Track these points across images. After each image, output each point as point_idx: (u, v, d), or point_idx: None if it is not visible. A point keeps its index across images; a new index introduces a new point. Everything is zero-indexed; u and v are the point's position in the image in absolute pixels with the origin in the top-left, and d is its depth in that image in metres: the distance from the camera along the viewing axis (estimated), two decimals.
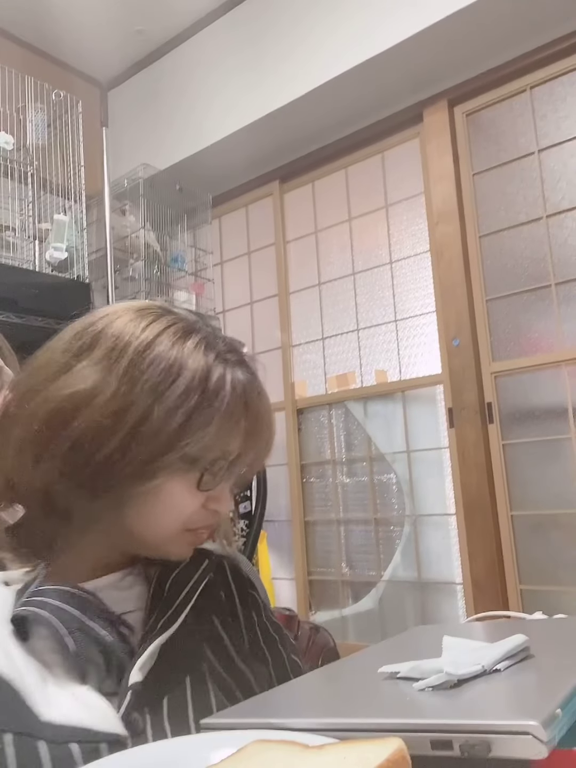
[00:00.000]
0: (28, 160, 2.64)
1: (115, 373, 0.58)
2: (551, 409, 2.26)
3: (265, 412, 0.66)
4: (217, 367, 0.61)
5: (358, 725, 0.42)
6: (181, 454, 0.59)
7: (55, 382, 0.60)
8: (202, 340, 0.63)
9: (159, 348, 0.60)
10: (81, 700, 0.54)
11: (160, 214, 3.10)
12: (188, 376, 0.59)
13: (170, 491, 0.61)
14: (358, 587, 2.71)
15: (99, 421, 0.57)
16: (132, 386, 0.58)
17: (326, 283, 2.93)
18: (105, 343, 0.60)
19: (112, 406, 0.57)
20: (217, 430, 0.60)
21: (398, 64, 2.44)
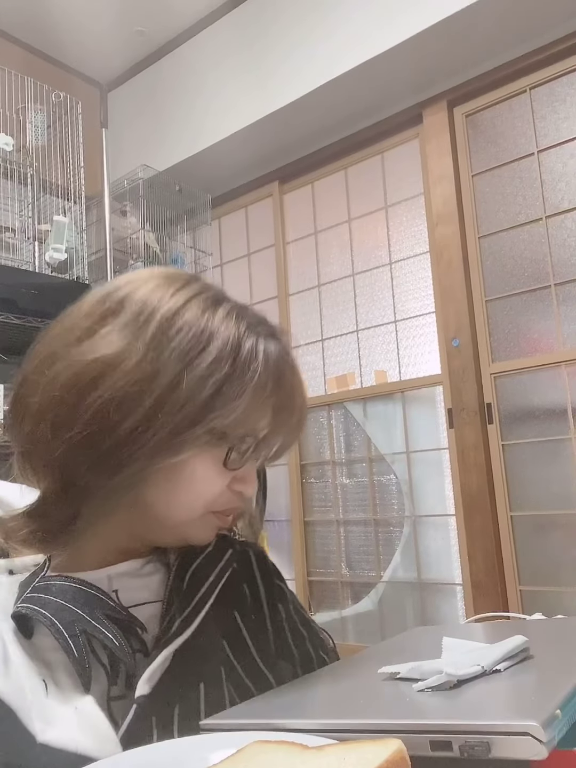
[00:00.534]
0: (27, 162, 2.65)
1: (142, 338, 0.55)
2: (551, 409, 2.26)
3: (297, 388, 0.62)
4: (249, 337, 0.58)
5: (357, 726, 0.42)
6: (209, 428, 0.55)
7: (78, 347, 0.56)
8: (233, 309, 0.59)
9: (188, 314, 0.56)
10: (82, 717, 0.51)
11: (159, 215, 3.10)
12: (219, 345, 0.55)
13: (195, 468, 0.57)
14: (357, 588, 2.71)
15: (124, 388, 0.53)
16: (160, 353, 0.54)
17: (326, 285, 2.93)
18: (131, 308, 0.57)
19: (138, 374, 0.53)
20: (248, 404, 0.56)
21: (398, 65, 2.44)
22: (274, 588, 0.70)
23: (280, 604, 0.69)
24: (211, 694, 0.55)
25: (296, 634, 0.68)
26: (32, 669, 0.52)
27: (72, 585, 0.56)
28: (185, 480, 0.57)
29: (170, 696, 0.53)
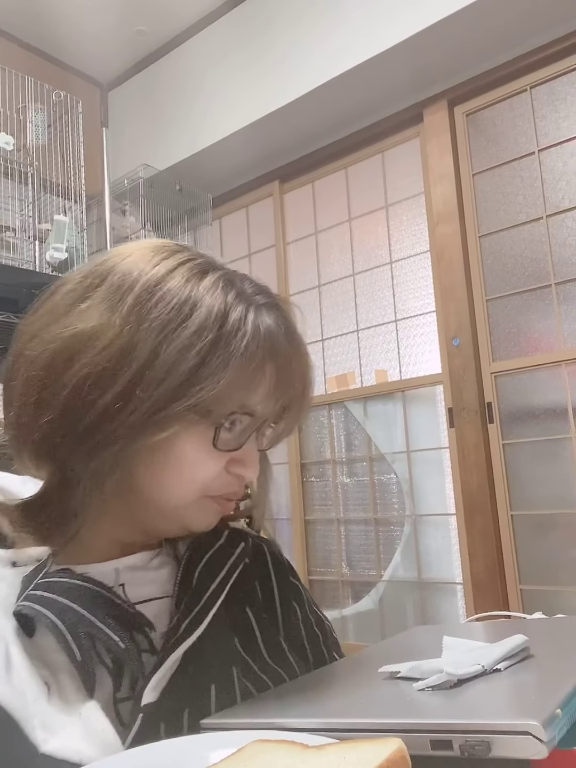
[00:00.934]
0: (28, 161, 2.64)
1: (119, 311, 0.52)
2: (551, 408, 2.26)
3: (297, 360, 0.58)
4: (237, 306, 0.54)
5: (357, 725, 0.42)
6: (192, 402, 0.52)
7: (57, 324, 0.54)
8: (221, 277, 0.56)
9: (170, 284, 0.53)
10: (87, 725, 0.48)
11: (160, 215, 3.09)
12: (203, 314, 0.52)
13: (183, 449, 0.54)
14: (358, 587, 2.71)
15: (101, 364, 0.51)
16: (138, 325, 0.51)
17: (326, 285, 2.93)
18: (111, 281, 0.54)
19: (115, 347, 0.51)
20: (234, 376, 0.53)
21: (398, 64, 2.44)
22: (289, 586, 0.68)
23: (295, 602, 0.67)
24: (222, 695, 0.53)
25: (311, 635, 0.67)
26: (34, 671, 0.50)
27: (77, 582, 0.54)
28: (174, 462, 0.54)
29: (180, 700, 0.51)
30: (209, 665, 0.55)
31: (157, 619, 0.56)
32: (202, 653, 0.54)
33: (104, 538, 0.59)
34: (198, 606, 0.56)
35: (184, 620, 0.54)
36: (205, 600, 0.57)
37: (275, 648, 0.61)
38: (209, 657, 0.55)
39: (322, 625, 0.69)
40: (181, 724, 0.50)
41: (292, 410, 0.60)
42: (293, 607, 0.66)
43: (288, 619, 0.65)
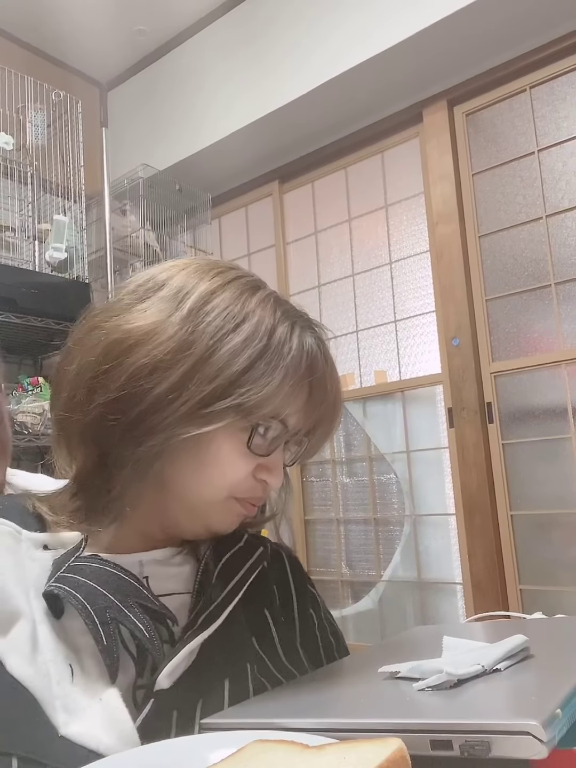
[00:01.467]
0: (27, 161, 2.64)
1: (179, 313, 0.57)
2: (551, 408, 2.26)
3: (331, 381, 0.62)
4: (285, 322, 0.59)
5: (357, 725, 0.42)
6: (237, 403, 0.55)
7: (118, 319, 0.58)
8: (270, 295, 0.61)
9: (225, 294, 0.58)
10: (105, 711, 0.50)
11: (159, 214, 3.09)
12: (254, 324, 0.57)
13: (220, 446, 0.57)
14: (357, 587, 2.71)
15: (157, 357, 0.55)
16: (195, 326, 0.56)
17: (326, 285, 2.93)
18: (170, 287, 0.59)
19: (173, 344, 0.55)
20: (279, 383, 0.57)
21: (398, 64, 2.44)
22: (307, 593, 0.70)
23: (312, 609, 0.69)
24: (236, 689, 0.55)
25: (326, 642, 0.69)
26: (59, 652, 0.52)
27: (106, 569, 0.56)
28: (210, 458, 0.58)
29: (193, 691, 0.53)
30: (224, 659, 0.56)
31: (176, 613, 0.57)
32: (218, 647, 0.56)
33: (133, 532, 0.61)
34: (216, 602, 0.58)
35: (201, 614, 0.57)
36: (222, 597, 0.59)
37: (291, 649, 0.63)
38: (224, 651, 0.56)
39: (336, 633, 0.71)
40: (194, 714, 0.52)
41: (319, 431, 0.64)
42: (310, 613, 0.69)
43: (305, 625, 0.67)
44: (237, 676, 0.56)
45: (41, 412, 2.27)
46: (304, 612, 0.68)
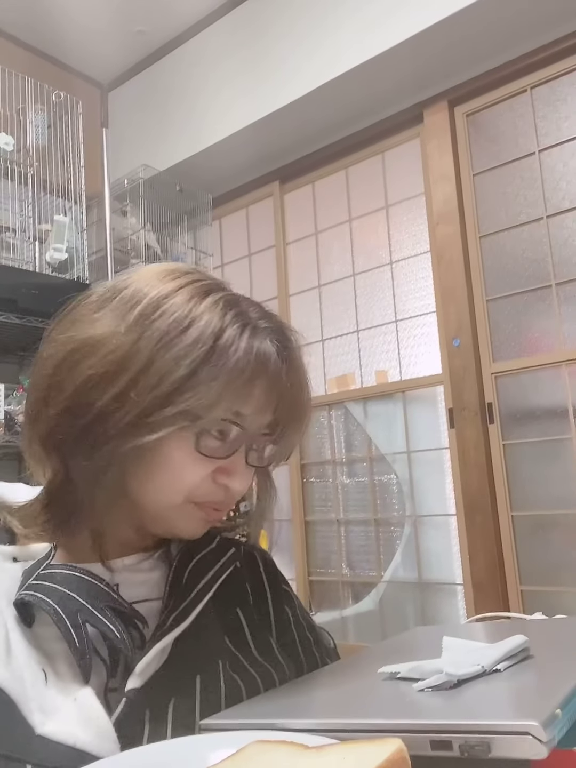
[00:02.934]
0: (28, 161, 2.64)
1: (126, 321, 0.57)
2: (552, 409, 2.26)
3: (290, 380, 0.61)
4: (234, 325, 0.58)
5: (357, 726, 0.42)
6: (181, 409, 0.55)
7: (71, 330, 0.59)
8: (222, 298, 0.60)
9: (174, 299, 0.57)
10: (81, 709, 0.50)
11: (160, 215, 3.09)
12: (200, 329, 0.56)
13: (170, 453, 0.57)
14: (358, 588, 2.71)
15: (104, 367, 0.55)
16: (140, 335, 0.56)
17: (326, 285, 2.93)
18: (123, 294, 0.59)
19: (118, 354, 0.55)
20: (224, 388, 0.56)
21: (398, 65, 2.44)
22: (281, 593, 0.71)
23: (287, 607, 0.70)
24: (208, 687, 0.55)
25: (303, 639, 0.69)
26: (32, 658, 0.53)
27: (76, 575, 0.57)
28: (162, 464, 0.57)
29: (165, 689, 0.54)
30: (196, 658, 0.57)
31: (148, 619, 0.58)
32: (189, 646, 0.57)
33: (107, 538, 0.61)
34: (185, 602, 0.59)
35: (171, 614, 0.57)
36: (192, 596, 0.59)
37: (265, 646, 0.64)
38: (196, 650, 0.57)
39: (314, 631, 0.72)
40: (167, 713, 0.52)
41: (287, 431, 0.63)
42: (286, 611, 0.69)
43: (281, 622, 0.68)
44: (209, 674, 0.56)
45: None
46: (279, 609, 0.69)
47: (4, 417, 2.21)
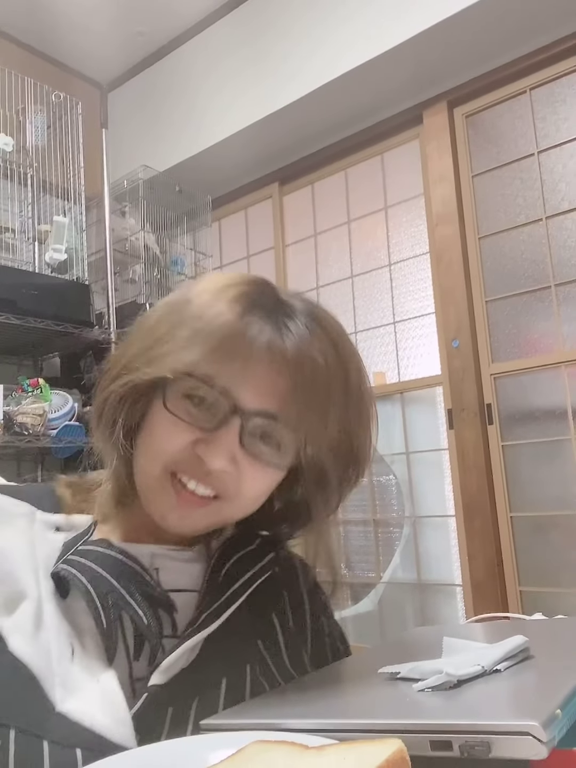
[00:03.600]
0: (27, 162, 2.64)
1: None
2: (551, 410, 2.26)
3: (297, 369, 0.55)
4: (234, 310, 0.55)
5: (357, 726, 0.42)
6: (152, 356, 0.55)
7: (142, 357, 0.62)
8: (244, 297, 0.56)
9: (199, 300, 0.58)
10: (102, 692, 0.50)
11: (159, 216, 3.09)
12: (193, 309, 0.57)
13: (153, 423, 0.58)
14: (357, 589, 2.71)
15: (123, 355, 0.59)
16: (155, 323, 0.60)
17: (325, 286, 2.93)
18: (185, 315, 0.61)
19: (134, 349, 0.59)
20: (194, 344, 0.54)
21: (398, 66, 2.44)
22: (318, 602, 0.70)
23: (324, 617, 0.70)
24: (233, 690, 0.55)
25: (334, 648, 0.70)
26: (62, 631, 0.53)
27: (113, 555, 0.57)
28: (148, 436, 0.58)
29: (190, 689, 0.53)
30: (224, 659, 0.56)
31: (183, 610, 0.58)
32: (219, 647, 0.56)
33: (141, 522, 0.61)
34: (219, 601, 0.58)
35: (204, 612, 0.57)
36: (227, 596, 0.58)
37: (297, 656, 0.63)
38: (225, 651, 0.57)
39: (343, 639, 0.72)
40: (189, 712, 0.52)
41: (292, 423, 0.56)
42: (322, 620, 0.69)
43: (316, 631, 0.68)
44: (235, 677, 0.56)
45: (42, 413, 2.26)
46: (316, 619, 0.68)
47: (3, 417, 2.20)
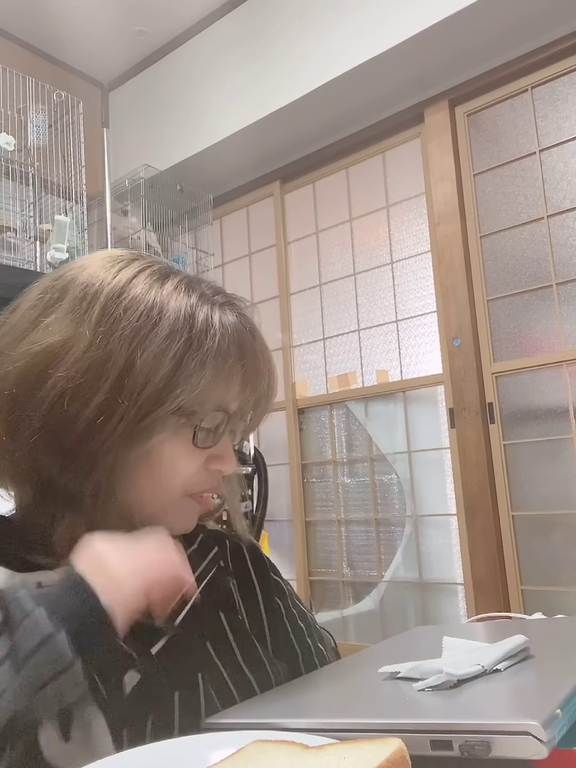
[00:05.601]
0: (29, 161, 2.64)
1: (88, 323, 0.52)
2: (552, 409, 2.26)
3: (262, 355, 0.59)
4: (203, 307, 0.55)
5: (358, 725, 0.42)
6: (175, 407, 0.52)
7: (23, 340, 0.54)
8: (181, 281, 0.57)
9: (134, 291, 0.54)
10: None
11: (161, 215, 3.09)
12: (171, 318, 0.53)
13: (162, 450, 0.54)
14: (358, 587, 2.71)
15: (76, 378, 0.51)
16: (108, 335, 0.52)
17: (327, 284, 2.93)
18: (73, 293, 0.54)
19: (89, 360, 0.51)
20: (213, 376, 0.54)
21: (399, 65, 2.43)
22: (271, 582, 0.69)
23: (278, 598, 0.68)
24: (186, 701, 0.54)
25: (296, 628, 0.68)
26: None
27: None
28: (155, 465, 0.55)
29: (144, 705, 0.51)
30: (176, 670, 0.55)
31: None
32: (168, 659, 0.55)
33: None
34: None
35: (146, 631, 0.54)
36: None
37: (251, 651, 0.61)
38: (175, 663, 0.55)
39: (305, 618, 0.70)
40: (145, 728, 0.50)
41: (262, 400, 0.60)
42: (276, 602, 0.68)
43: (272, 615, 0.66)
44: (188, 688, 0.54)
45: None
46: (270, 602, 0.67)
47: None
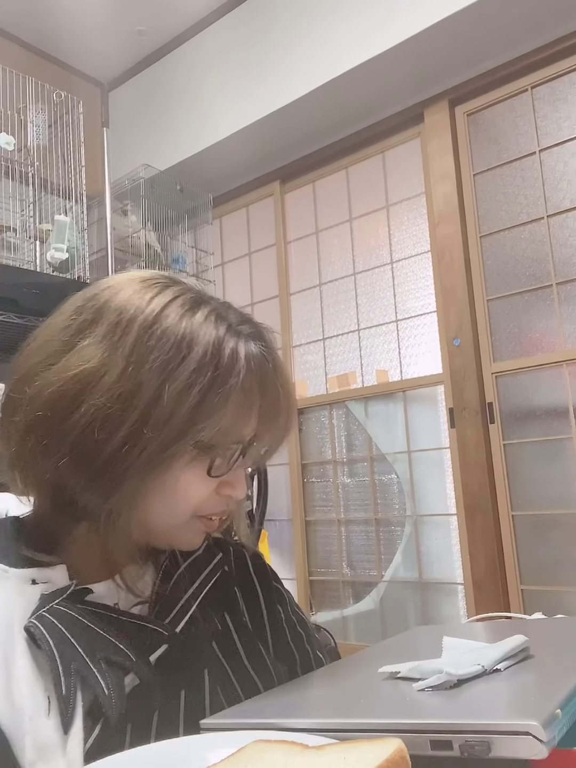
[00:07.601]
0: (29, 161, 2.64)
1: (122, 350, 0.54)
2: (552, 409, 2.26)
3: (283, 389, 0.60)
4: (230, 340, 0.56)
5: (357, 725, 0.42)
6: (197, 439, 0.54)
7: (58, 362, 0.55)
8: (212, 311, 0.58)
9: (167, 321, 0.55)
10: (69, 763, 0.49)
11: (160, 215, 3.09)
12: (200, 351, 0.54)
13: (180, 480, 0.56)
14: (358, 587, 2.71)
15: (107, 405, 0.52)
16: (140, 366, 0.53)
17: (327, 284, 2.93)
18: (108, 318, 0.56)
19: (120, 389, 0.53)
20: (233, 412, 0.56)
21: (399, 64, 2.43)
22: (272, 590, 0.70)
23: (279, 605, 0.70)
24: (191, 702, 0.55)
25: (295, 635, 0.69)
26: (38, 685, 0.51)
27: (82, 620, 0.55)
28: (169, 489, 0.56)
29: (148, 706, 0.53)
30: (181, 671, 0.56)
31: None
32: (174, 660, 0.56)
33: (93, 560, 0.60)
34: (171, 614, 0.58)
35: (153, 633, 0.56)
36: (178, 608, 0.59)
37: (254, 652, 0.63)
38: (181, 663, 0.56)
39: (305, 624, 0.71)
40: (150, 730, 0.52)
41: (279, 434, 0.62)
42: (277, 609, 0.69)
43: (274, 621, 0.68)
44: (193, 688, 0.56)
45: None
46: (272, 609, 0.68)
47: None
